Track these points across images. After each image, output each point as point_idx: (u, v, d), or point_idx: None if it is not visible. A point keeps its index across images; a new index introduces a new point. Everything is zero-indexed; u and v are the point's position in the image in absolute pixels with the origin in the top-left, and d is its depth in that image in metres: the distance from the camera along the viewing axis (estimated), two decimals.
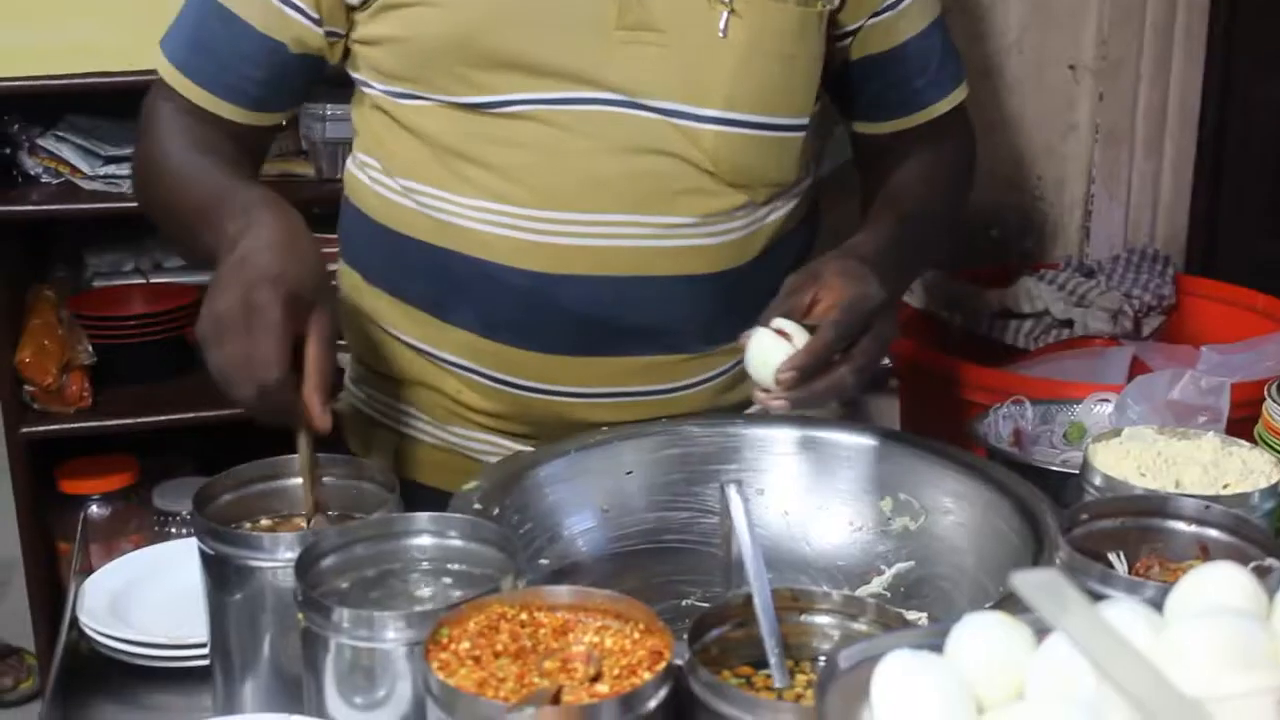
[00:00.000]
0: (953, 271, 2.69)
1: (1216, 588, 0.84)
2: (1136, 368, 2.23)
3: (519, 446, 1.55)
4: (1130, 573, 1.16)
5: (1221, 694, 0.69)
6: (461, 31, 1.44)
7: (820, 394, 1.32)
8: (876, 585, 1.40)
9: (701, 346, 1.56)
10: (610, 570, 1.41)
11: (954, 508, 1.41)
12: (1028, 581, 0.62)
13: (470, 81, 1.46)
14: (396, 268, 1.58)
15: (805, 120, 1.57)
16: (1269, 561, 1.08)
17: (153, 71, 1.57)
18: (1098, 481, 1.31)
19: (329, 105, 2.79)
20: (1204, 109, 2.89)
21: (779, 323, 1.32)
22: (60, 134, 2.79)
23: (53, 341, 2.71)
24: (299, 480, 1.28)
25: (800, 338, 1.31)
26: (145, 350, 2.85)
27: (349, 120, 2.94)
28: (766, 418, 1.49)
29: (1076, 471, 1.38)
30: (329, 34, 1.51)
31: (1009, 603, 1.11)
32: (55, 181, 2.75)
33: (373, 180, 1.58)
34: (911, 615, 1.30)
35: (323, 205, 2.92)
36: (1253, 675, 0.71)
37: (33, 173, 2.77)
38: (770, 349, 1.31)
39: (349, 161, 1.64)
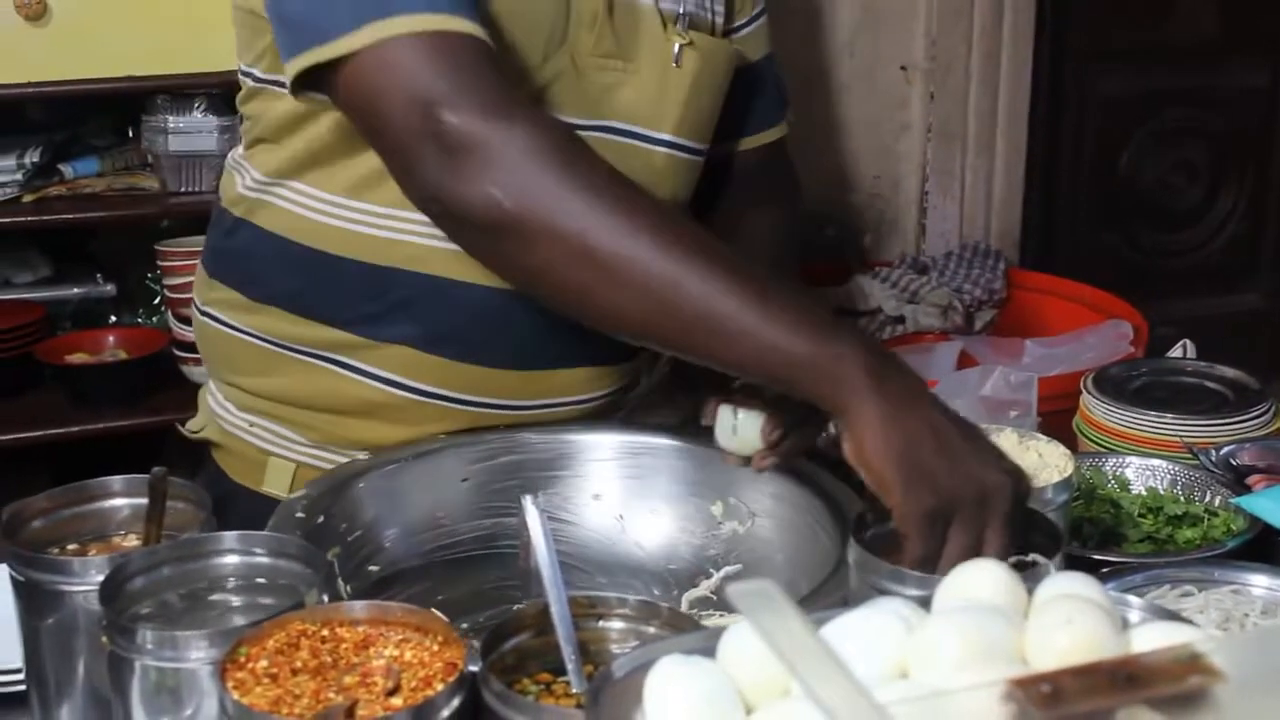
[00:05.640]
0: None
1: (979, 584, 0.89)
2: (965, 362, 2.28)
3: None
4: None
5: (952, 687, 0.73)
6: None
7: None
8: (704, 588, 1.44)
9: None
10: (441, 577, 1.43)
11: (776, 510, 1.45)
12: (739, 591, 0.65)
13: None
14: (323, 289, 1.53)
15: None
16: (1033, 556, 1.13)
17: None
18: None
19: (170, 117, 2.77)
20: (1034, 106, 2.97)
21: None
22: None
23: None
24: (115, 502, 1.28)
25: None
26: None
27: (193, 134, 2.88)
28: (597, 423, 1.53)
29: None
30: None
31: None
32: None
33: (302, 206, 1.52)
34: (734, 617, 1.33)
35: (171, 218, 2.91)
36: (991, 669, 0.75)
37: None
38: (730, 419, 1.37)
39: (258, 187, 1.55)
